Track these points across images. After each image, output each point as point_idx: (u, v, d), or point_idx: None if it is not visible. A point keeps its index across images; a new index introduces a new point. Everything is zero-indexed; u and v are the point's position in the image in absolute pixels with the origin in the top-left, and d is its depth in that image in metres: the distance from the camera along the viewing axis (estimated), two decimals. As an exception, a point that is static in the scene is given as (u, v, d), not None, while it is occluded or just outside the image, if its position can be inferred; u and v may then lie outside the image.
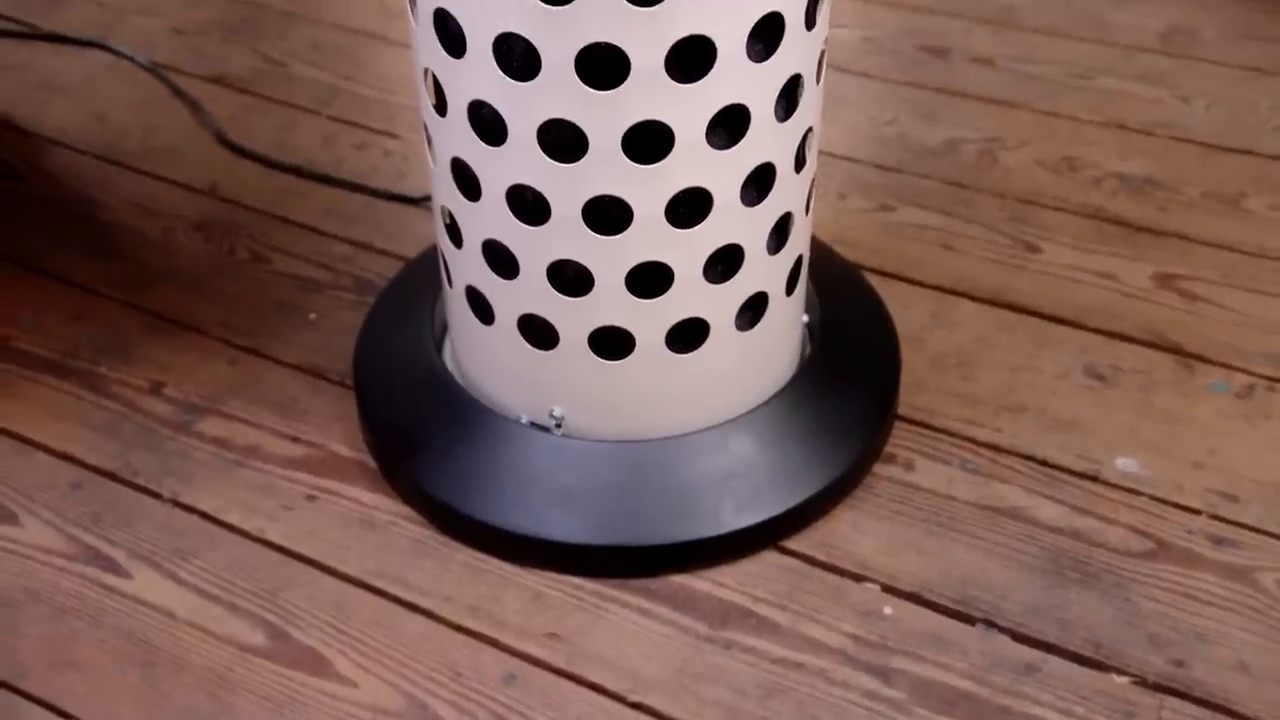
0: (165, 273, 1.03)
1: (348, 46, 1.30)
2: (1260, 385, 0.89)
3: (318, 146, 1.16)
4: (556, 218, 0.71)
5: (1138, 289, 0.98)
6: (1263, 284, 0.98)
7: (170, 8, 1.36)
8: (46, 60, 1.28)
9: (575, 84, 0.65)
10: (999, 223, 1.05)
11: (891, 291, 0.98)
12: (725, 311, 0.76)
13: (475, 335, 0.81)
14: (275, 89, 1.24)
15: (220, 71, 1.26)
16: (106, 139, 1.17)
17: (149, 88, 1.24)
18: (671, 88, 0.66)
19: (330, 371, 0.93)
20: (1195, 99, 1.18)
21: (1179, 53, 1.24)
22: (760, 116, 0.69)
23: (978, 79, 1.23)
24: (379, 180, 1.12)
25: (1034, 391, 0.90)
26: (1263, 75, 1.20)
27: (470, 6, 0.65)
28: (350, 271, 1.02)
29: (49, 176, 1.13)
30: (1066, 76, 1.22)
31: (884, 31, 1.30)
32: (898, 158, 1.13)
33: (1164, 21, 1.29)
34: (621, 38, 0.63)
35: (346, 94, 1.23)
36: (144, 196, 1.11)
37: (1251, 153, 1.11)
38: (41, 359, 0.95)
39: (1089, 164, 1.11)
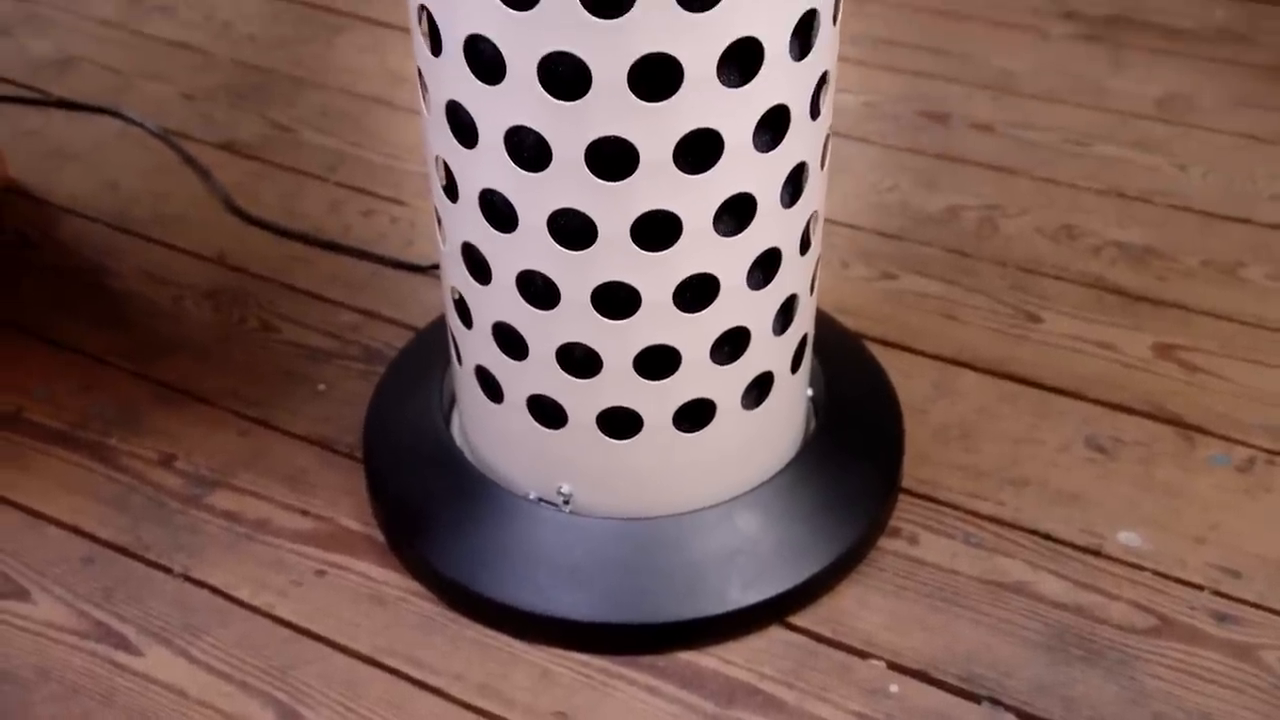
0: (175, 342, 1.04)
1: (355, 112, 1.32)
2: (1260, 458, 0.90)
3: (325, 213, 1.18)
4: (566, 302, 0.72)
5: (1137, 359, 0.99)
6: (1261, 355, 0.99)
7: (180, 73, 1.38)
8: (58, 127, 1.30)
9: (585, 175, 0.66)
10: (1000, 291, 1.06)
11: (894, 361, 0.99)
12: (732, 391, 0.77)
13: (484, 413, 0.82)
14: (283, 155, 1.26)
15: (229, 138, 1.28)
16: (117, 206, 1.19)
17: (159, 154, 1.26)
18: (679, 178, 0.67)
19: (339, 443, 0.94)
20: (1192, 166, 1.19)
21: (1176, 119, 1.26)
22: (766, 204, 0.70)
23: (978, 145, 1.24)
24: (386, 247, 1.13)
25: (1036, 464, 0.91)
26: (1258, 143, 1.22)
27: (482, 101, 0.66)
28: (358, 341, 1.03)
29: (60, 245, 1.15)
30: (1065, 143, 1.24)
31: (885, 97, 1.32)
32: (899, 225, 1.14)
33: (1161, 88, 1.31)
34: (631, 131, 0.65)
35: (354, 160, 1.25)
36: (154, 265, 1.12)
37: (1249, 221, 1.12)
38: (52, 430, 0.96)
39: (1088, 232, 1.12)
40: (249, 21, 1.48)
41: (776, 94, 0.67)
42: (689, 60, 0.63)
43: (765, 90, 0.66)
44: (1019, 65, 1.36)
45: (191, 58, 1.41)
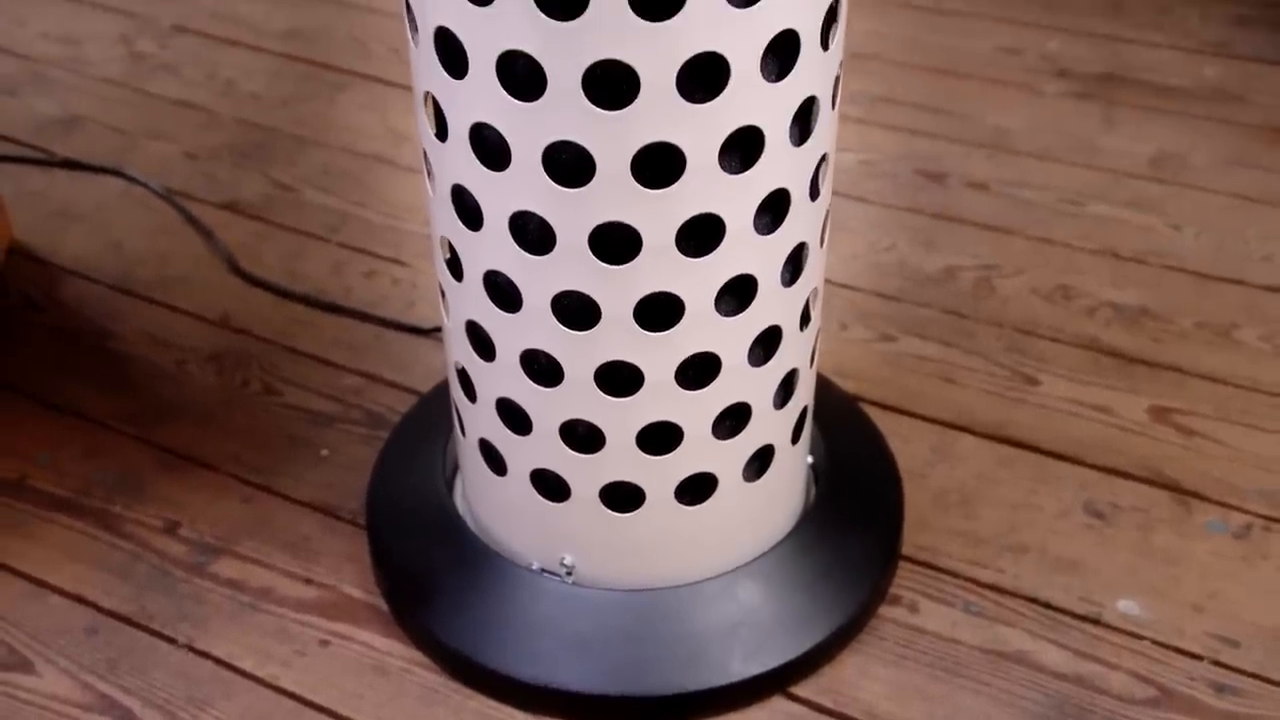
0: (178, 406, 1.04)
1: (357, 171, 1.33)
2: (1257, 525, 0.91)
3: (327, 274, 1.19)
4: (569, 380, 0.73)
5: (1134, 423, 1.00)
6: (1256, 418, 1.00)
7: (183, 132, 1.40)
8: (63, 187, 1.31)
9: (589, 259, 0.67)
10: (997, 353, 1.07)
11: (893, 425, 1.00)
12: (733, 465, 0.78)
13: (487, 484, 0.83)
14: (286, 215, 1.27)
15: (232, 198, 1.29)
16: (121, 268, 1.20)
17: (162, 214, 1.27)
18: (682, 262, 0.68)
19: (342, 510, 0.95)
20: (1186, 226, 1.21)
21: (1169, 179, 1.27)
22: (767, 284, 0.71)
23: (974, 204, 1.26)
24: (388, 309, 1.14)
25: (1035, 530, 0.92)
26: (1249, 203, 1.23)
27: (487, 186, 0.67)
28: (361, 405, 1.04)
29: (65, 307, 1.15)
30: (1059, 202, 1.25)
31: (882, 155, 1.33)
32: (897, 286, 1.15)
33: (1153, 146, 1.32)
34: (634, 217, 0.66)
35: (356, 220, 1.26)
36: (157, 327, 1.13)
37: (1242, 282, 1.14)
38: (56, 497, 0.96)
39: (1083, 293, 1.13)
40: (251, 79, 1.49)
41: (777, 179, 0.68)
42: (691, 149, 0.64)
43: (766, 175, 0.67)
44: (1014, 123, 1.37)
45: (195, 116, 1.42)
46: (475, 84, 0.64)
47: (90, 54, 1.54)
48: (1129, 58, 1.48)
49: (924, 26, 1.56)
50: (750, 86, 0.63)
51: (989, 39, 1.53)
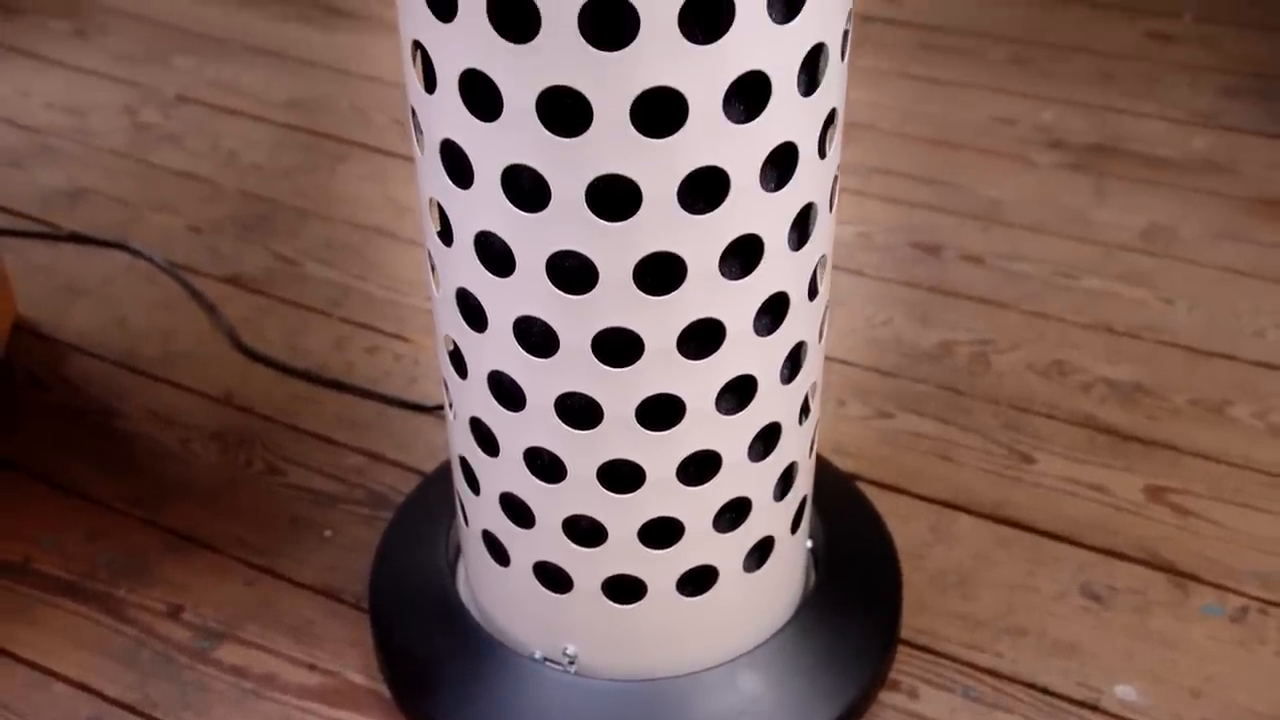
0: (182, 486, 1.05)
1: (359, 244, 1.34)
2: (1253, 608, 0.92)
3: (330, 350, 1.20)
4: (572, 476, 0.73)
5: (1129, 502, 1.01)
6: (1250, 498, 1.01)
7: (187, 204, 1.41)
8: (69, 261, 1.32)
9: (592, 362, 0.68)
10: (994, 431, 1.08)
11: (891, 504, 1.01)
12: (734, 557, 0.79)
13: (490, 573, 0.83)
14: (288, 289, 1.28)
15: (235, 271, 1.30)
16: (126, 344, 1.21)
17: (167, 289, 1.28)
18: (683, 364, 0.69)
19: (345, 593, 0.95)
20: (1178, 300, 1.22)
21: (1160, 252, 1.29)
22: (767, 382, 0.72)
23: (969, 277, 1.27)
24: (390, 385, 1.15)
25: (1033, 613, 0.92)
26: (1239, 276, 1.25)
27: (492, 290, 0.69)
28: (363, 484, 1.05)
29: (69, 384, 1.16)
30: (1053, 275, 1.27)
31: (878, 227, 1.35)
32: (894, 361, 1.17)
33: (1144, 219, 1.34)
34: (636, 322, 0.67)
35: (357, 294, 1.27)
36: (161, 405, 1.14)
37: (1234, 358, 1.15)
38: (61, 581, 0.97)
39: (1078, 368, 1.15)
40: (254, 149, 1.51)
41: (776, 283, 0.69)
42: (692, 257, 0.65)
43: (765, 280, 0.68)
44: (1007, 195, 1.39)
45: (198, 188, 1.44)
46: (480, 194, 0.66)
47: (95, 124, 1.56)
48: (1120, 128, 1.50)
49: (919, 96, 1.59)
50: (749, 197, 0.65)
51: (983, 109, 1.55)
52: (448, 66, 0.63)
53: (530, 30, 0.59)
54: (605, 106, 0.60)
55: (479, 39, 0.61)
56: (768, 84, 0.62)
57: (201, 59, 1.70)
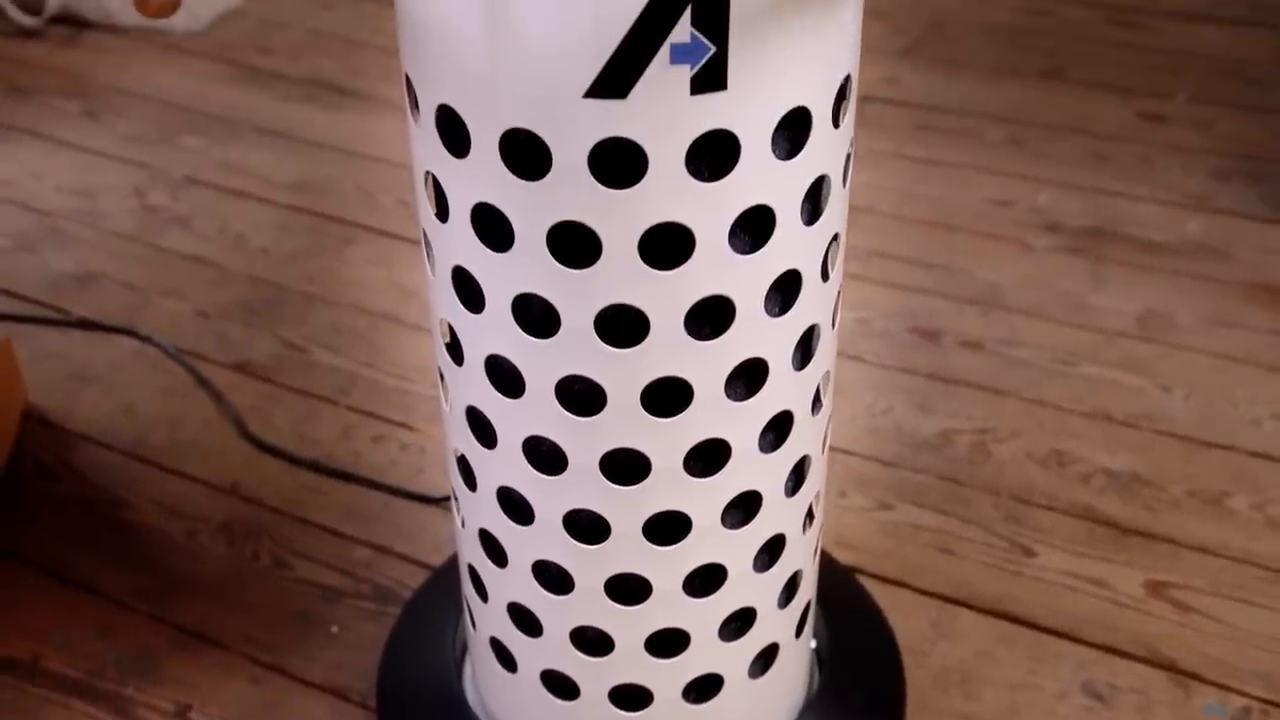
0: (190, 581, 1.06)
1: (366, 330, 1.36)
2: (1255, 708, 0.92)
3: (336, 439, 1.21)
4: (580, 589, 0.75)
5: (1130, 598, 1.02)
6: (1250, 593, 1.02)
7: (195, 288, 1.43)
8: (78, 347, 1.34)
9: (600, 480, 0.70)
10: (994, 523, 1.10)
11: (892, 599, 1.02)
12: (739, 664, 0.80)
13: (498, 678, 0.84)
14: (295, 377, 1.29)
15: (243, 358, 1.32)
16: (134, 432, 1.22)
17: (175, 376, 1.30)
18: (689, 482, 0.70)
19: (352, 691, 0.96)
20: (1175, 388, 1.24)
21: (1157, 338, 1.31)
22: (771, 496, 0.74)
23: (968, 364, 1.29)
24: (397, 475, 1.16)
25: (1035, 712, 0.93)
26: (1235, 363, 1.27)
27: (501, 411, 0.70)
28: (370, 579, 1.06)
29: (78, 475, 1.17)
30: (1052, 362, 1.28)
31: (877, 313, 1.37)
32: (895, 451, 1.18)
33: (1140, 304, 1.36)
34: (643, 444, 0.68)
35: (364, 382, 1.29)
36: (169, 496, 1.15)
37: (1231, 448, 1.16)
38: (70, 680, 0.97)
39: (1077, 458, 1.16)
40: (261, 232, 1.53)
41: (780, 401, 0.71)
42: (698, 381, 0.67)
43: (769, 399, 0.70)
44: (1005, 279, 1.41)
45: (206, 272, 1.46)
46: (491, 319, 0.67)
47: (105, 207, 1.58)
48: (1115, 211, 1.52)
49: (917, 177, 1.61)
50: (754, 323, 0.66)
51: (980, 191, 1.57)
52: (460, 199, 0.65)
53: (541, 168, 0.61)
54: (614, 240, 0.62)
55: (491, 175, 0.62)
56: (772, 217, 0.64)
57: (210, 139, 1.73)
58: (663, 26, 0.57)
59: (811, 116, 0.63)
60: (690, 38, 0.57)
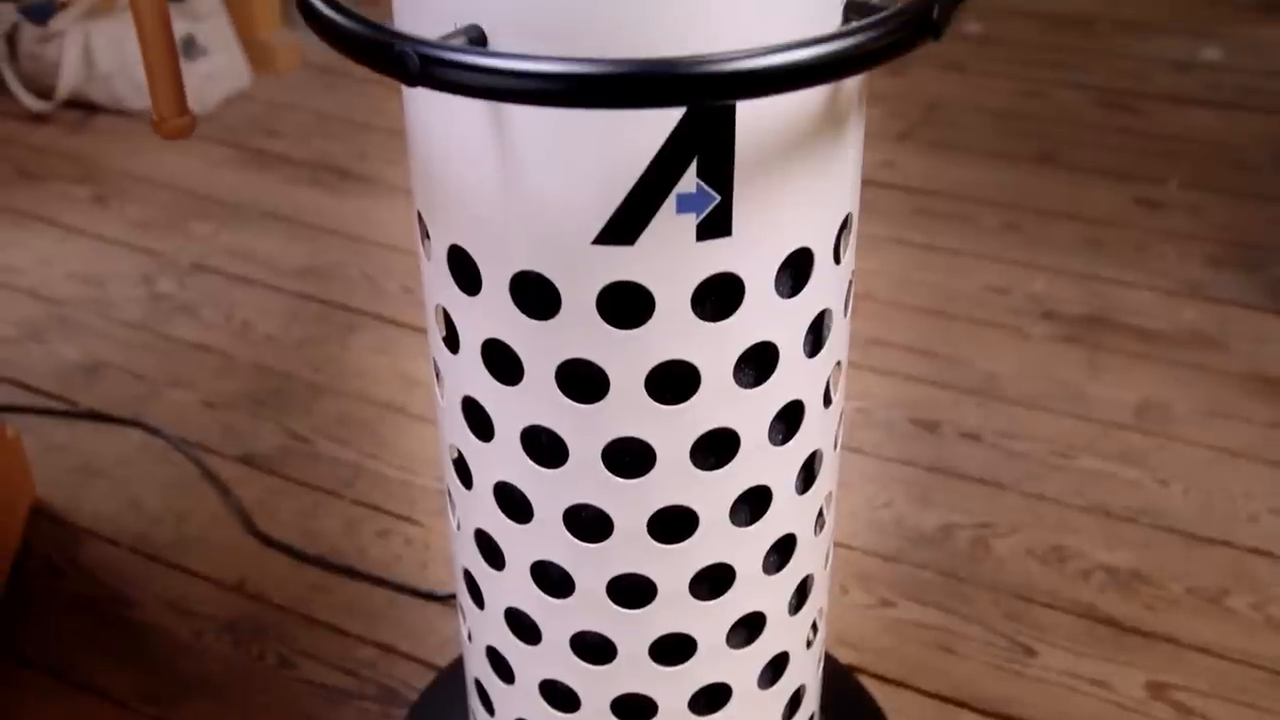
0: (196, 682, 1.06)
1: (371, 421, 1.37)
2: (1256, 816, 0.93)
3: (342, 533, 1.22)
4: (586, 708, 0.75)
5: (1131, 699, 1.02)
6: (1253, 696, 1.02)
7: (202, 378, 1.44)
8: (85, 440, 1.35)
9: (606, 604, 0.71)
10: (995, 621, 1.10)
11: (893, 700, 1.02)
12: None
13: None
14: (301, 469, 1.31)
15: (249, 450, 1.33)
16: (140, 528, 1.23)
17: (181, 469, 1.31)
18: (694, 605, 0.71)
19: (356, 798, 0.96)
20: (1173, 482, 1.25)
21: (1154, 430, 1.32)
22: (775, 616, 0.75)
23: (967, 456, 1.30)
24: (402, 572, 1.17)
25: (1039, 819, 0.93)
26: (1233, 457, 1.28)
27: (510, 534, 0.71)
28: (375, 679, 1.06)
29: (85, 572, 1.18)
30: (1050, 454, 1.30)
31: (875, 402, 1.38)
32: (896, 546, 1.19)
33: (1138, 394, 1.37)
34: (650, 569, 0.70)
35: (369, 474, 1.30)
36: (175, 594, 1.15)
37: (1230, 544, 1.17)
38: (75, 786, 0.98)
39: (1077, 554, 1.17)
40: (267, 319, 1.55)
41: (783, 527, 0.72)
42: (703, 509, 0.68)
43: (773, 525, 0.71)
44: (1003, 368, 1.43)
45: (213, 362, 1.47)
46: (500, 448, 0.69)
47: (113, 294, 1.60)
48: (1111, 298, 1.54)
49: (915, 263, 1.63)
50: (759, 452, 0.68)
51: (977, 277, 1.60)
52: (471, 333, 0.67)
53: (551, 308, 0.63)
54: (621, 377, 0.64)
55: (502, 313, 0.64)
56: (775, 352, 0.65)
57: (217, 225, 1.75)
58: (670, 178, 0.58)
59: (814, 256, 0.65)
60: (696, 188, 0.59)
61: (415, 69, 0.54)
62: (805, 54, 0.53)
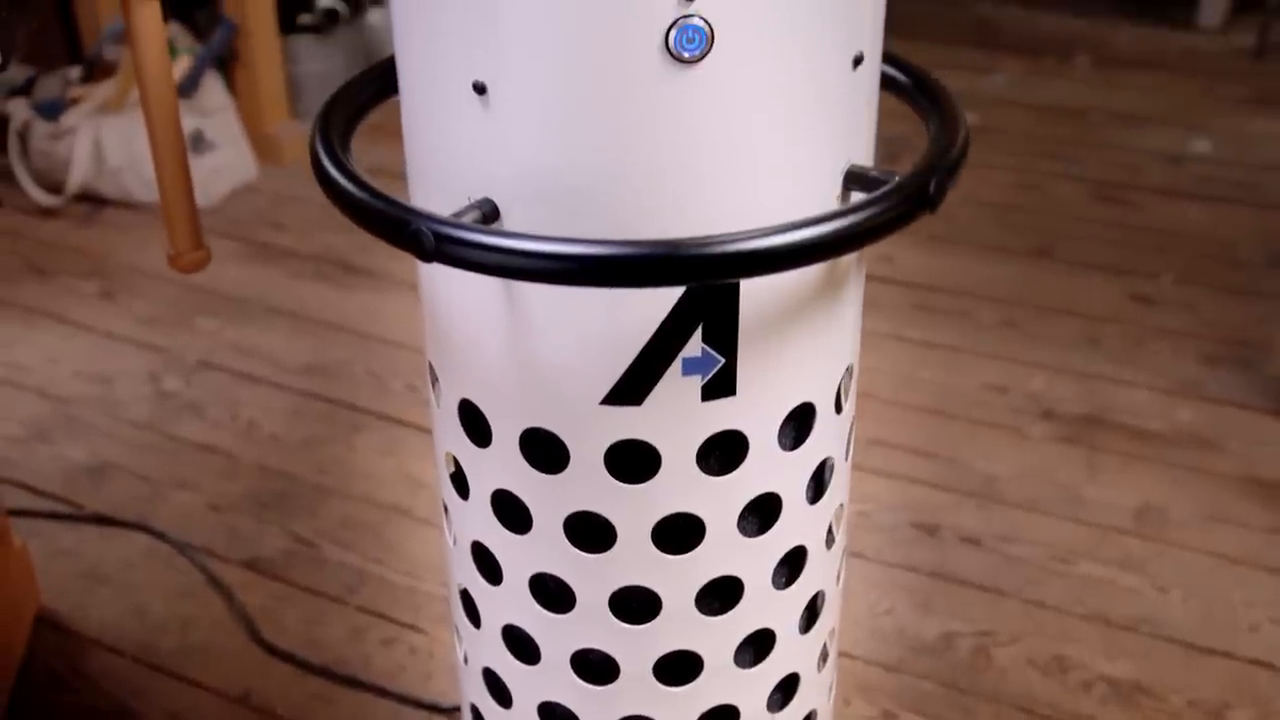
0: (200, 799, 1.07)
1: (376, 524, 1.38)
2: None
3: (346, 641, 1.23)
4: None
5: (1135, 818, 1.03)
6: (1254, 814, 1.03)
7: (207, 480, 1.46)
8: (91, 544, 1.36)
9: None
10: (998, 734, 1.11)
11: (900, 818, 1.03)
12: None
13: None
14: (305, 574, 1.31)
15: (253, 554, 1.34)
16: (145, 636, 1.23)
17: (186, 574, 1.31)
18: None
19: None
20: (1172, 590, 1.26)
21: (1152, 535, 1.33)
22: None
23: (967, 562, 1.31)
24: (406, 682, 1.17)
25: None
26: (1232, 564, 1.29)
27: (518, 676, 0.72)
28: (379, 796, 1.07)
29: (89, 682, 1.19)
30: (1050, 560, 1.30)
31: (877, 505, 1.39)
32: (897, 655, 1.19)
33: (1136, 497, 1.39)
34: (654, 710, 0.70)
35: (374, 580, 1.30)
36: (180, 706, 1.16)
37: (1230, 655, 1.18)
38: None
39: (1078, 664, 1.17)
40: (273, 418, 1.56)
41: (788, 666, 0.73)
42: (708, 654, 0.69)
43: (778, 665, 0.72)
44: (1002, 469, 1.44)
45: (218, 462, 1.48)
46: (508, 592, 0.70)
47: (120, 393, 1.62)
48: (1108, 397, 1.56)
49: (915, 360, 1.65)
50: (762, 595, 0.69)
51: (975, 375, 1.61)
52: (481, 483, 0.68)
53: (560, 463, 0.64)
54: (628, 528, 0.65)
55: (511, 466, 0.65)
56: (779, 502, 0.67)
57: (223, 320, 1.77)
58: (675, 344, 0.60)
59: (816, 409, 0.66)
60: (701, 352, 0.61)
61: (431, 247, 0.56)
62: (805, 234, 0.55)
